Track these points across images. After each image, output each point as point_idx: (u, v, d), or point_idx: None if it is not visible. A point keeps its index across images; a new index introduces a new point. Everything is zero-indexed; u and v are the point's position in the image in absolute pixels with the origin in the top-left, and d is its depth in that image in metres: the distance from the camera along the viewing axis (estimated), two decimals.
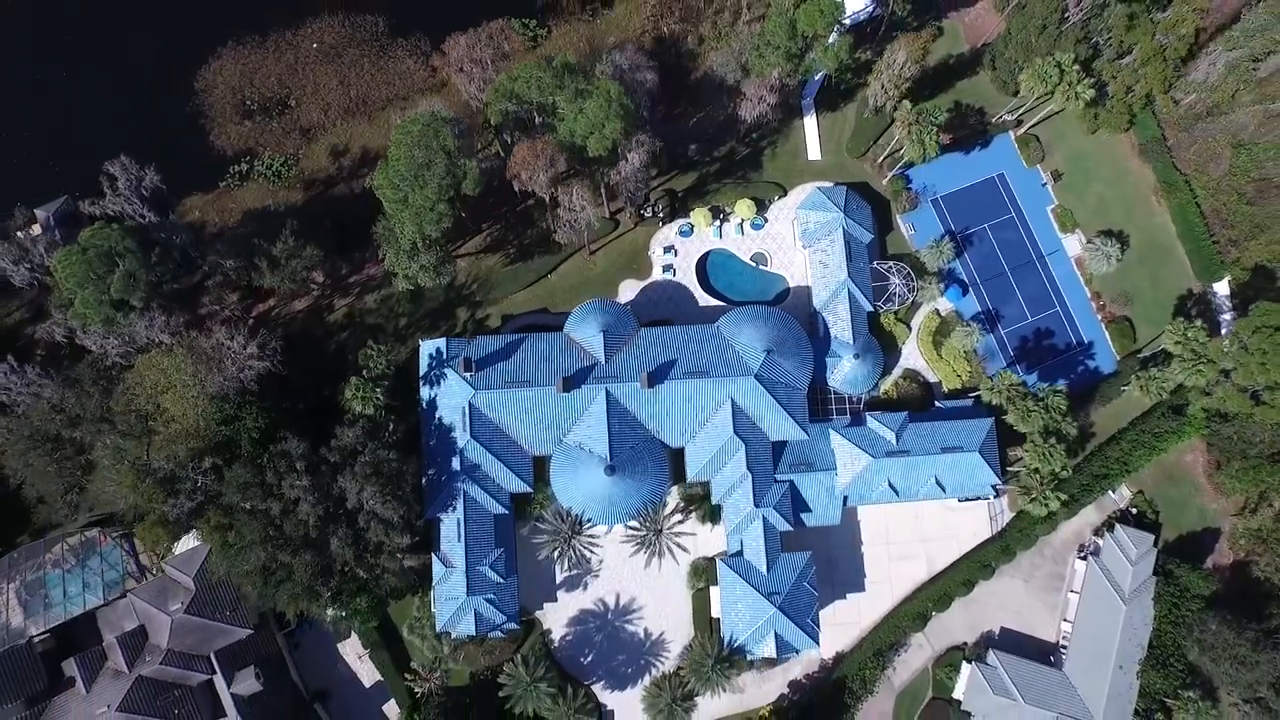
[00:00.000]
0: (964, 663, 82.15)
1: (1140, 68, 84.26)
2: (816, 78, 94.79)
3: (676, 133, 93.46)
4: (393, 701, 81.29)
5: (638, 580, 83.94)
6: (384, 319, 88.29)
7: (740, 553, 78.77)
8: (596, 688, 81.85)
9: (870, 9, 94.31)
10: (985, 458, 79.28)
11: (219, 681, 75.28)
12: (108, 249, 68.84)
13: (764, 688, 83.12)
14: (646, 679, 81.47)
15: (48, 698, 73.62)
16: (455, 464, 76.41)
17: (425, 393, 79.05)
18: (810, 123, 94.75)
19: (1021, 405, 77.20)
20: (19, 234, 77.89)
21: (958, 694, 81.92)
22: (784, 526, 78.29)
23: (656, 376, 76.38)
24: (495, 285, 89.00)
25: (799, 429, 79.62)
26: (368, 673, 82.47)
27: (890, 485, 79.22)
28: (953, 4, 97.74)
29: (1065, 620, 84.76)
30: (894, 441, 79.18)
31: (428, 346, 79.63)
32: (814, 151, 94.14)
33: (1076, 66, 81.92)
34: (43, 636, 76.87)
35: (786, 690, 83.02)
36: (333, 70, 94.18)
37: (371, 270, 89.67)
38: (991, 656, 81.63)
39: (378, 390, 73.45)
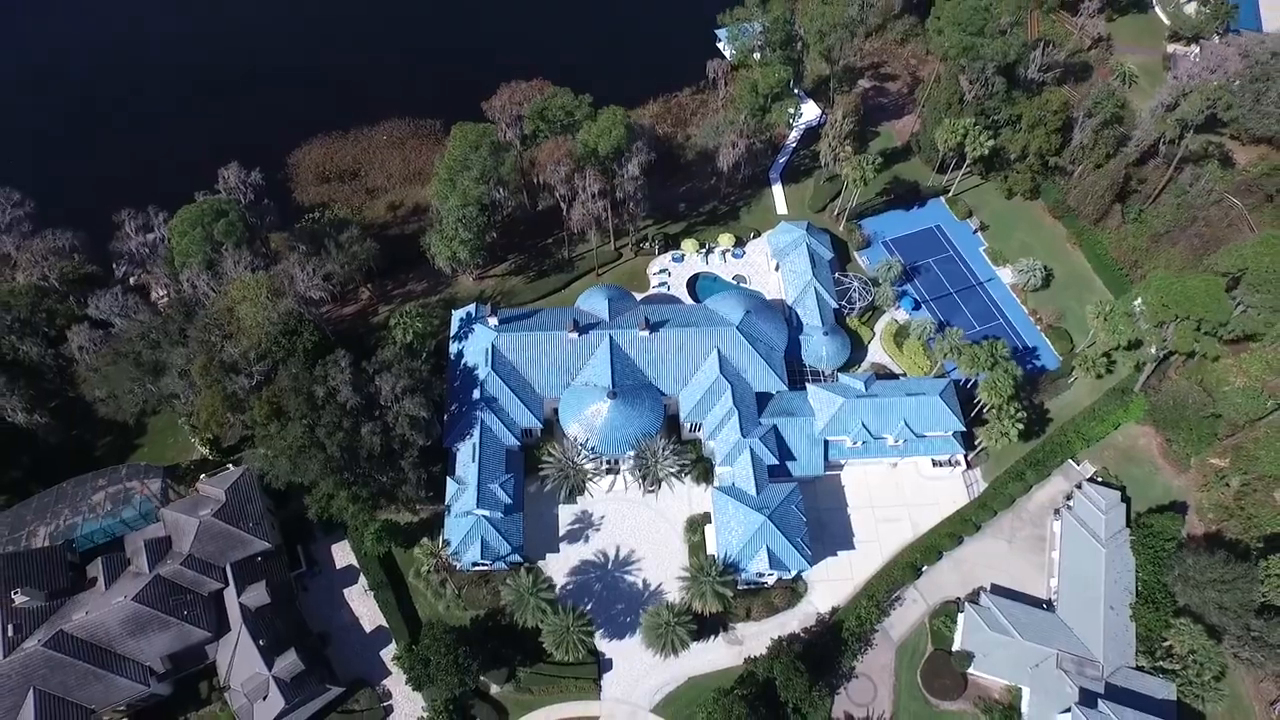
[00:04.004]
0: (959, 614, 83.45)
1: (1028, 132, 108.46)
2: (781, 160, 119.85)
3: (669, 196, 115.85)
4: (392, 645, 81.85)
5: (636, 534, 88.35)
6: None
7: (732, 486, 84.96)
8: (595, 636, 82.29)
9: (821, 118, 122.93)
10: (946, 404, 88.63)
11: (230, 593, 77.71)
12: (216, 206, 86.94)
13: (761, 640, 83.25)
14: None
15: (69, 595, 75.88)
16: (475, 394, 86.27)
17: (453, 347, 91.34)
18: (778, 189, 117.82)
19: (969, 352, 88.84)
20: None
21: (957, 645, 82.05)
22: (770, 459, 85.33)
23: (654, 326, 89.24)
24: (516, 295, 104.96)
25: (779, 380, 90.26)
26: (369, 617, 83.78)
27: (864, 427, 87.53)
28: (886, 116, 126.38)
29: (1053, 578, 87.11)
30: (863, 389, 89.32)
31: (459, 313, 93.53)
32: (782, 208, 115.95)
33: (977, 126, 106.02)
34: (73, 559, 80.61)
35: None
36: (398, 153, 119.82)
37: (413, 286, 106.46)
38: (984, 599, 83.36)
39: (417, 320, 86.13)
